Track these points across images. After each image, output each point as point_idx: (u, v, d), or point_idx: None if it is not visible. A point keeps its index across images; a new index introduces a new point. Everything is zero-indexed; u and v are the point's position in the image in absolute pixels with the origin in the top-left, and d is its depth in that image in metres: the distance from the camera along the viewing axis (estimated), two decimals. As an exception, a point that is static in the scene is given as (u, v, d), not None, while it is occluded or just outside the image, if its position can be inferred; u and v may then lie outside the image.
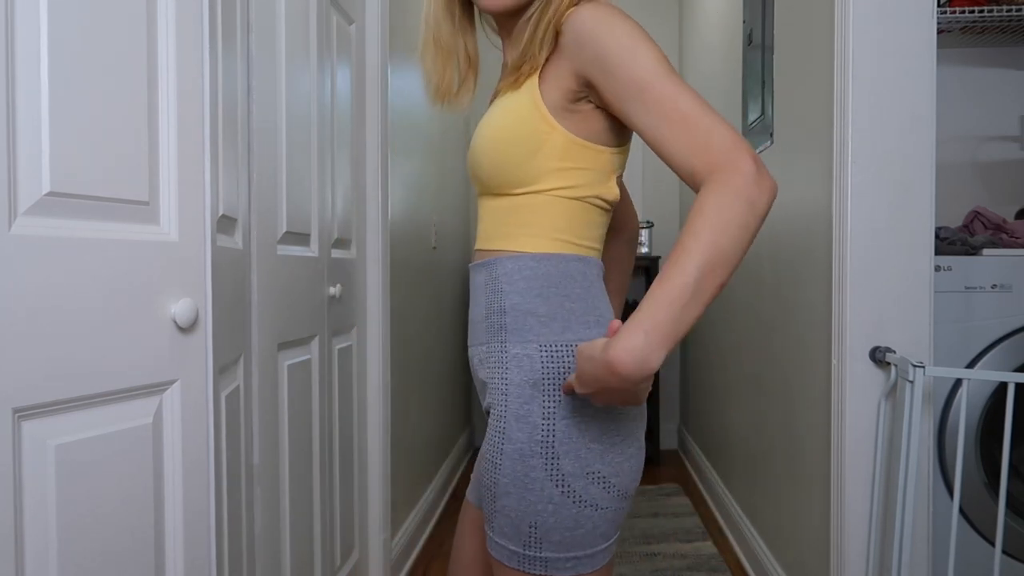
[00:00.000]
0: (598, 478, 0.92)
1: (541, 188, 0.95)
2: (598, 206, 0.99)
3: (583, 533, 0.92)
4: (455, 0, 1.05)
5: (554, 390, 0.92)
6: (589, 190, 0.96)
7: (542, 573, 0.93)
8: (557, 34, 0.93)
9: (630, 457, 0.95)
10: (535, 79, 0.94)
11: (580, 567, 0.93)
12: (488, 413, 1.00)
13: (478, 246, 1.04)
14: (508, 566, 0.95)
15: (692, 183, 0.82)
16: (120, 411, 0.96)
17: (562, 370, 0.93)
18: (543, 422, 0.92)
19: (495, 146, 0.95)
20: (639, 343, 0.76)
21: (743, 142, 0.80)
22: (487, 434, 0.98)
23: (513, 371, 0.95)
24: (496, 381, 0.96)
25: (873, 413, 1.61)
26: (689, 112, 0.81)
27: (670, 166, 0.85)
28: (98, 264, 0.92)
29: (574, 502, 0.91)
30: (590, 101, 0.94)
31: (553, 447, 0.91)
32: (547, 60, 0.94)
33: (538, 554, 0.92)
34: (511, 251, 0.97)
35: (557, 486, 0.91)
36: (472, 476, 1.16)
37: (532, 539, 0.92)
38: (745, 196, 0.77)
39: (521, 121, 0.93)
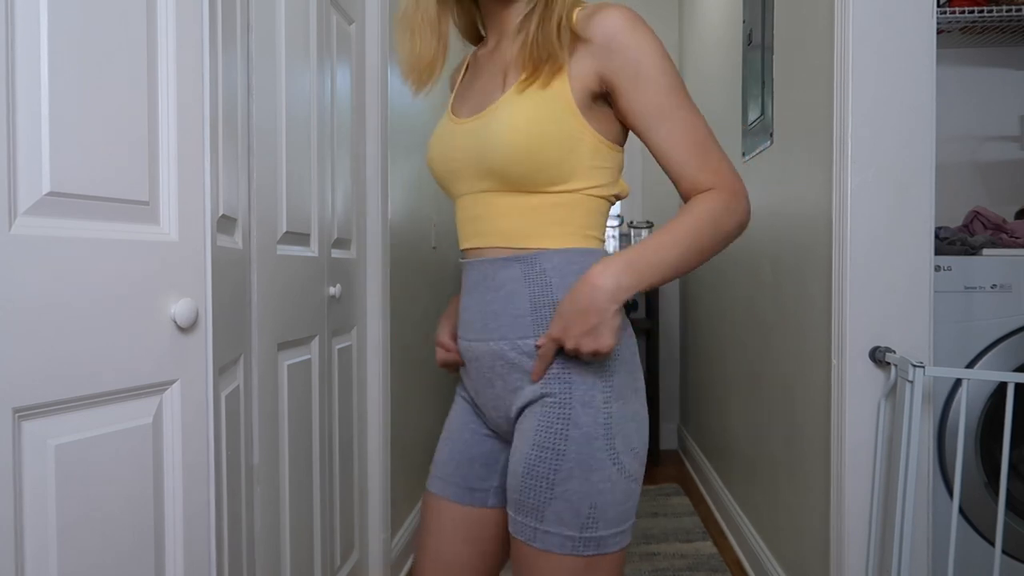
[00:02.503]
0: (636, 453, 0.99)
1: (574, 187, 0.99)
2: (611, 203, 1.05)
3: (630, 506, 0.99)
4: None
5: (609, 375, 0.99)
6: (610, 189, 1.03)
7: (594, 553, 0.96)
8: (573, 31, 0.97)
9: (646, 432, 1.03)
10: (565, 78, 0.96)
11: (622, 540, 0.99)
12: (523, 407, 1.00)
13: (499, 243, 1.02)
14: (560, 554, 0.96)
15: (692, 190, 0.98)
16: (120, 411, 0.96)
17: (615, 356, 0.99)
18: (604, 406, 0.97)
19: (534, 144, 0.96)
20: (620, 265, 0.92)
21: (739, 176, 0.99)
22: (538, 425, 0.98)
23: (573, 360, 0.98)
24: (554, 370, 0.98)
25: (873, 413, 1.61)
26: (705, 140, 0.98)
27: (676, 176, 0.98)
28: (98, 264, 0.92)
29: (625, 477, 0.98)
30: (607, 102, 0.99)
31: (611, 428, 0.97)
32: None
33: (594, 534, 0.96)
34: (552, 247, 1.00)
35: (614, 464, 0.97)
36: (452, 472, 1.12)
37: (590, 520, 0.96)
38: (738, 216, 0.97)
39: (557, 120, 0.96)
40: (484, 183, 1.02)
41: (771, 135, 2.24)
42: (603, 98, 0.99)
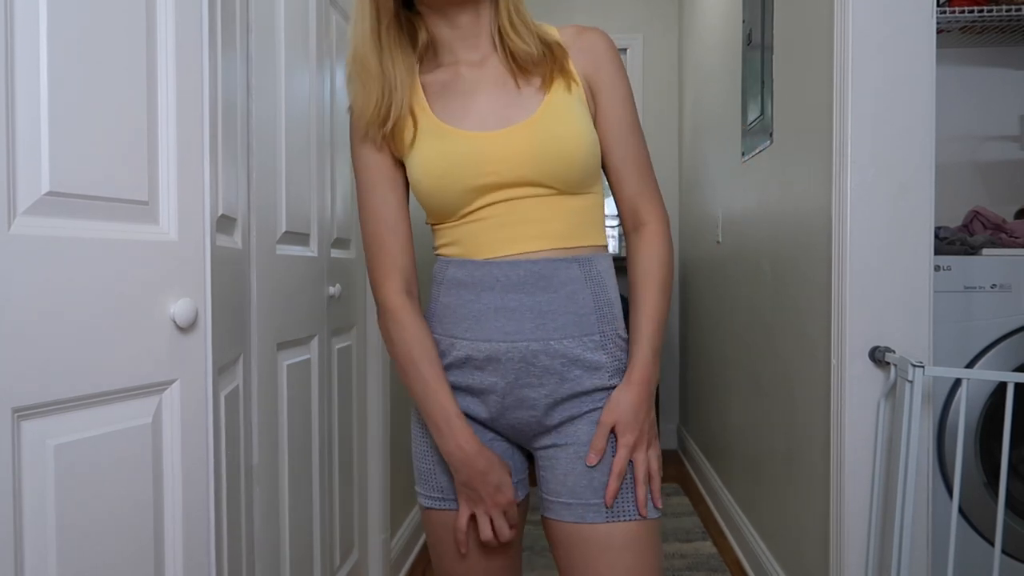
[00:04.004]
0: None
1: (596, 188, 1.08)
2: None
3: None
4: (386, 11, 1.01)
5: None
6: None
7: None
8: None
9: None
10: (575, 82, 1.04)
11: None
12: (584, 393, 1.06)
13: (554, 244, 1.03)
14: (656, 518, 1.06)
15: (631, 215, 1.10)
16: (120, 411, 0.96)
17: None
18: None
19: (588, 148, 1.03)
20: (655, 365, 1.07)
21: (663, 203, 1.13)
22: (596, 405, 1.06)
23: (624, 352, 1.09)
24: (616, 362, 1.08)
25: (873, 413, 1.61)
26: (651, 168, 1.11)
27: (623, 187, 1.09)
28: (98, 264, 0.92)
29: None
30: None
31: None
32: (564, 64, 1.04)
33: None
34: (598, 246, 1.08)
35: None
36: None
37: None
38: (671, 248, 1.10)
39: (589, 124, 1.05)
40: (530, 188, 1.02)
41: (771, 135, 2.24)
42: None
